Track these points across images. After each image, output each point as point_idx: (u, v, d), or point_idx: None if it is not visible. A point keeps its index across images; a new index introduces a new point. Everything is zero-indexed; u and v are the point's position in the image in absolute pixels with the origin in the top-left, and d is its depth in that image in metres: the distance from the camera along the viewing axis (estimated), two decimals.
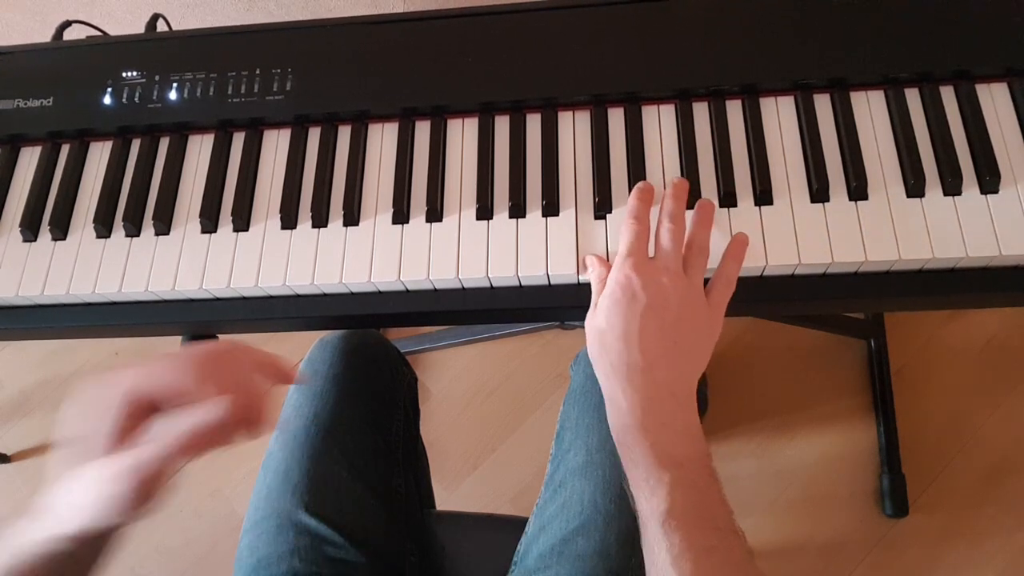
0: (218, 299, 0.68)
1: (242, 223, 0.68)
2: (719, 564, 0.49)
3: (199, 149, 0.73)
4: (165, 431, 0.45)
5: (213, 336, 0.79)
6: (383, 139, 0.70)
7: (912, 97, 0.65)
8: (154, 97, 0.72)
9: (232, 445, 0.46)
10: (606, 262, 0.60)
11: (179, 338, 0.78)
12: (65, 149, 0.75)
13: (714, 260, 0.60)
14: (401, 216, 0.66)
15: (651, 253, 0.59)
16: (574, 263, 0.62)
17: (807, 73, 0.66)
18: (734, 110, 0.67)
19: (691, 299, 0.56)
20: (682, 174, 0.65)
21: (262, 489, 0.75)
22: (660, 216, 0.59)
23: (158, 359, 0.47)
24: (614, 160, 0.66)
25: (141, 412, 0.46)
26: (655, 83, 0.67)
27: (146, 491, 0.44)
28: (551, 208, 0.65)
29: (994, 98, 0.65)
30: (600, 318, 0.56)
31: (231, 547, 0.70)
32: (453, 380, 1.41)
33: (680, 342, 0.54)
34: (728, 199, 0.63)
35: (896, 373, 1.29)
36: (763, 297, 0.62)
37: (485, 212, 0.66)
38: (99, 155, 0.74)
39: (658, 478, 0.50)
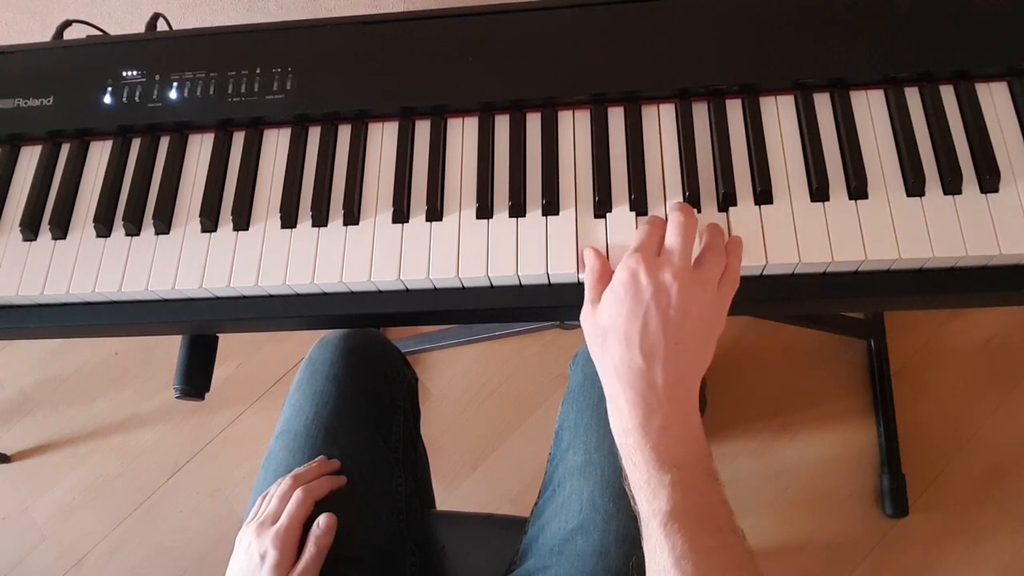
0: (218, 298, 0.68)
1: (242, 222, 0.68)
2: (720, 564, 0.49)
3: (199, 148, 0.73)
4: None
5: (213, 335, 0.79)
6: (383, 138, 0.70)
7: (912, 96, 0.65)
8: (154, 96, 0.72)
9: None
10: (603, 256, 0.59)
11: (179, 338, 0.78)
12: (65, 148, 0.75)
13: None
14: (401, 215, 0.66)
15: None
16: (574, 262, 0.62)
17: (807, 72, 0.66)
18: (734, 109, 0.67)
19: (697, 295, 0.54)
20: (682, 173, 0.65)
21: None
22: (669, 211, 0.58)
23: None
24: (614, 159, 0.66)
25: None
26: (655, 83, 0.67)
27: None
28: (551, 207, 0.65)
29: (994, 97, 0.65)
30: (603, 316, 0.55)
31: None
32: (453, 380, 1.42)
33: (683, 341, 0.53)
34: (728, 198, 0.63)
35: (896, 373, 1.29)
36: (763, 297, 0.62)
37: (485, 211, 0.66)
38: (99, 154, 0.74)
39: (659, 480, 0.50)
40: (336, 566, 0.71)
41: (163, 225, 0.69)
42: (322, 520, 0.68)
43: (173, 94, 0.72)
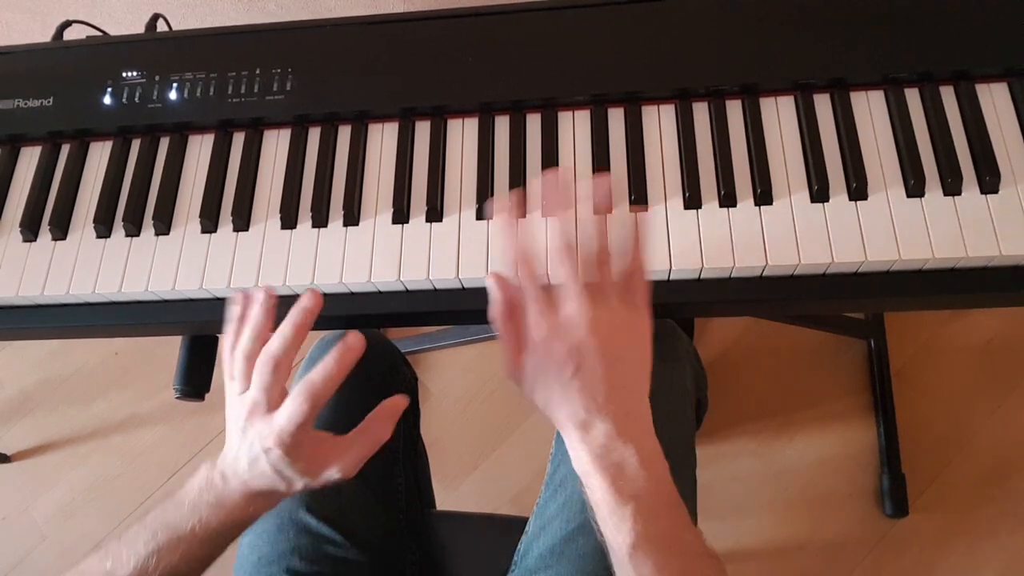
0: (218, 299, 0.68)
1: (242, 223, 0.68)
2: None
3: (199, 149, 0.73)
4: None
5: (213, 336, 0.79)
6: (383, 139, 0.70)
7: (912, 97, 0.65)
8: (154, 97, 0.72)
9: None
10: (509, 292, 0.55)
11: (179, 338, 0.78)
12: (65, 149, 0.75)
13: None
14: (401, 216, 0.66)
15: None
16: None
17: (807, 73, 0.66)
18: (734, 110, 0.67)
19: (617, 335, 0.52)
20: (682, 174, 0.65)
21: None
22: (551, 244, 0.54)
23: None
24: (614, 160, 0.66)
25: None
26: (655, 83, 0.67)
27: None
28: None
29: (994, 98, 0.65)
30: (538, 388, 0.53)
31: (231, 548, 0.70)
32: (453, 380, 1.41)
33: (620, 380, 0.52)
34: (728, 199, 0.63)
35: (896, 373, 1.29)
36: (763, 297, 0.62)
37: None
38: (99, 155, 0.74)
39: (621, 513, 0.50)
40: (336, 565, 0.72)
41: (163, 226, 0.69)
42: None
43: (173, 95, 0.72)
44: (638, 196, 0.64)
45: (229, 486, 0.56)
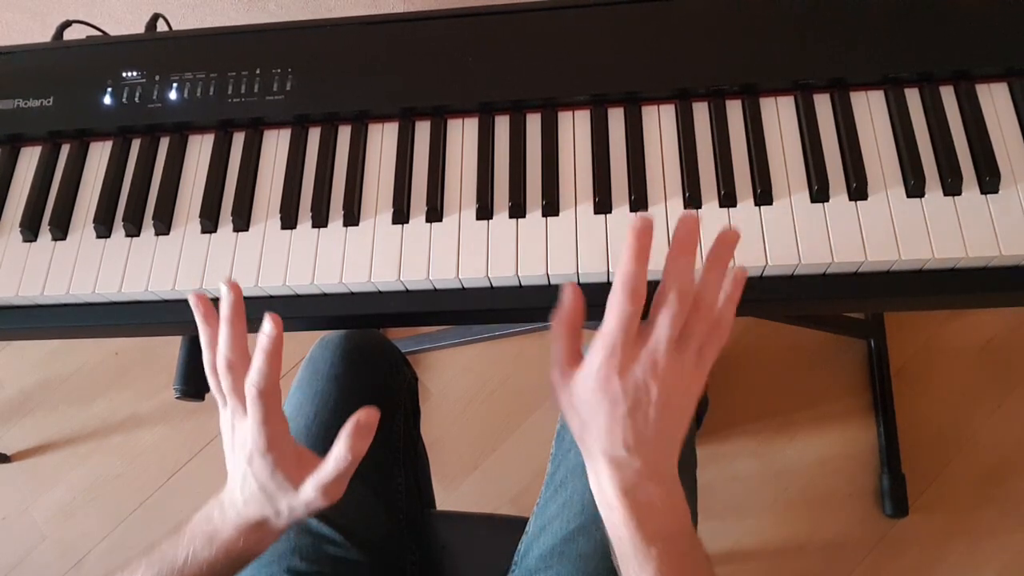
0: (218, 299, 0.67)
1: (242, 223, 0.68)
2: None
3: (199, 149, 0.73)
4: None
5: None
6: (383, 139, 0.70)
7: (912, 97, 0.65)
8: (154, 97, 0.72)
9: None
10: (579, 300, 0.53)
11: (179, 338, 0.78)
12: (65, 149, 0.75)
13: None
14: (401, 216, 0.66)
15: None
16: (574, 263, 0.62)
17: (807, 73, 0.66)
18: (734, 110, 0.67)
19: (678, 386, 0.52)
20: (682, 174, 0.65)
21: None
22: (665, 283, 0.51)
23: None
24: (614, 160, 0.66)
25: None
26: (655, 83, 0.67)
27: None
28: (551, 208, 0.65)
29: (994, 98, 0.65)
30: (579, 406, 0.53)
31: None
32: (453, 380, 1.42)
33: (664, 430, 0.52)
34: (728, 199, 0.63)
35: (896, 373, 1.29)
36: (763, 297, 0.62)
37: (485, 212, 0.66)
38: (99, 155, 0.74)
39: (646, 553, 0.49)
40: (336, 565, 0.72)
41: (163, 226, 0.69)
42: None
43: (173, 94, 0.72)
44: (638, 197, 0.64)
45: (226, 517, 0.58)
